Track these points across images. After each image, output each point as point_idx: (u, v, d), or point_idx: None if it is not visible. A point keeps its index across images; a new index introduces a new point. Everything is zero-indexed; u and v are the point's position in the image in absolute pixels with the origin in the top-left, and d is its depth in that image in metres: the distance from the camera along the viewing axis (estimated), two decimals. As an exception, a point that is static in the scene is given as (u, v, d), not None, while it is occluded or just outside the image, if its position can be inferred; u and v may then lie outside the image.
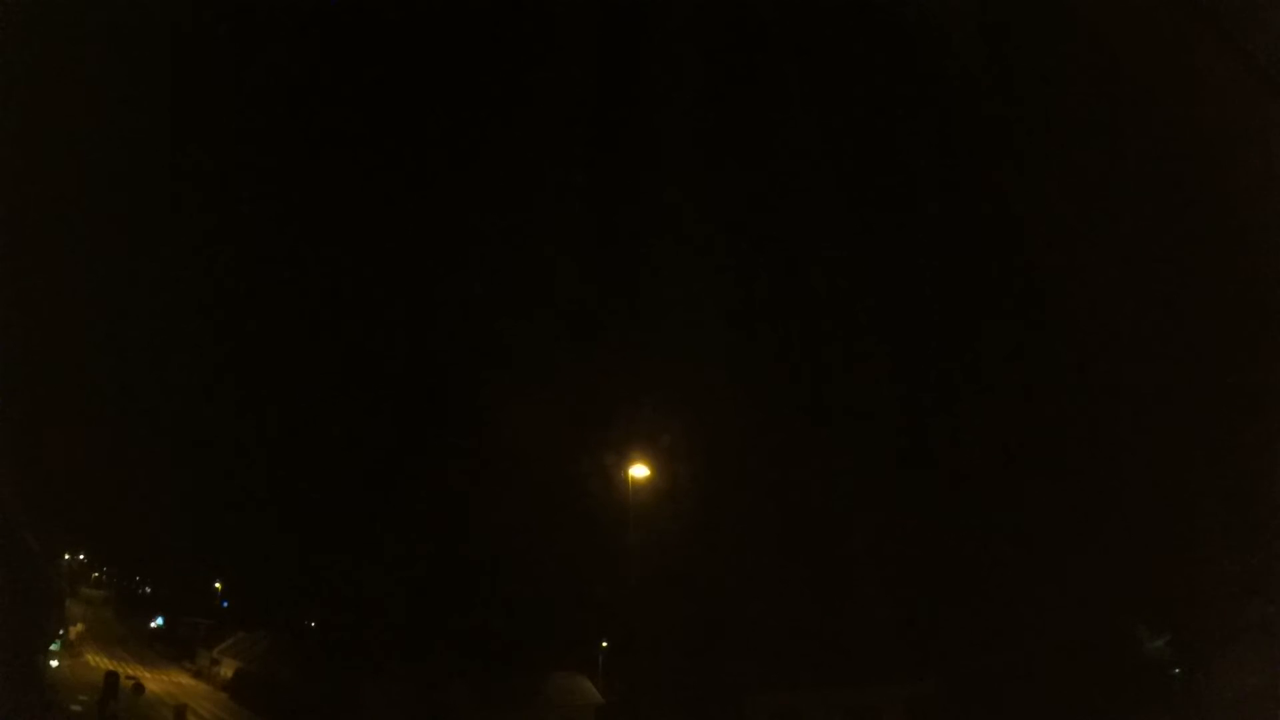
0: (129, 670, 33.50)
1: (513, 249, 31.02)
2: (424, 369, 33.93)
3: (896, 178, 28.82)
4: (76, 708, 25.86)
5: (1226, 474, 19.48)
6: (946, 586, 27.49)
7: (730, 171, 29.20)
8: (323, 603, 36.97)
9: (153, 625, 43.37)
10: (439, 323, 33.23)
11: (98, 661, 34.44)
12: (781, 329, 31.00)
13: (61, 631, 32.81)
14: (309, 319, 33.42)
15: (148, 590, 45.86)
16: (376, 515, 33.97)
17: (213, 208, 29.54)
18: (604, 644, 31.33)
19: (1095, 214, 22.23)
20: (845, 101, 27.84)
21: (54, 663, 29.93)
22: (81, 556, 42.95)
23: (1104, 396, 24.11)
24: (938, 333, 29.97)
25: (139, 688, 30.46)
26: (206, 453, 36.67)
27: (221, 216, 29.80)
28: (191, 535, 37.68)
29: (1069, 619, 23.74)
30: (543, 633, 31.64)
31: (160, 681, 33.89)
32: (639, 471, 25.31)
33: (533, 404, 28.24)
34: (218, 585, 42.29)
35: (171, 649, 40.59)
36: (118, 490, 34.82)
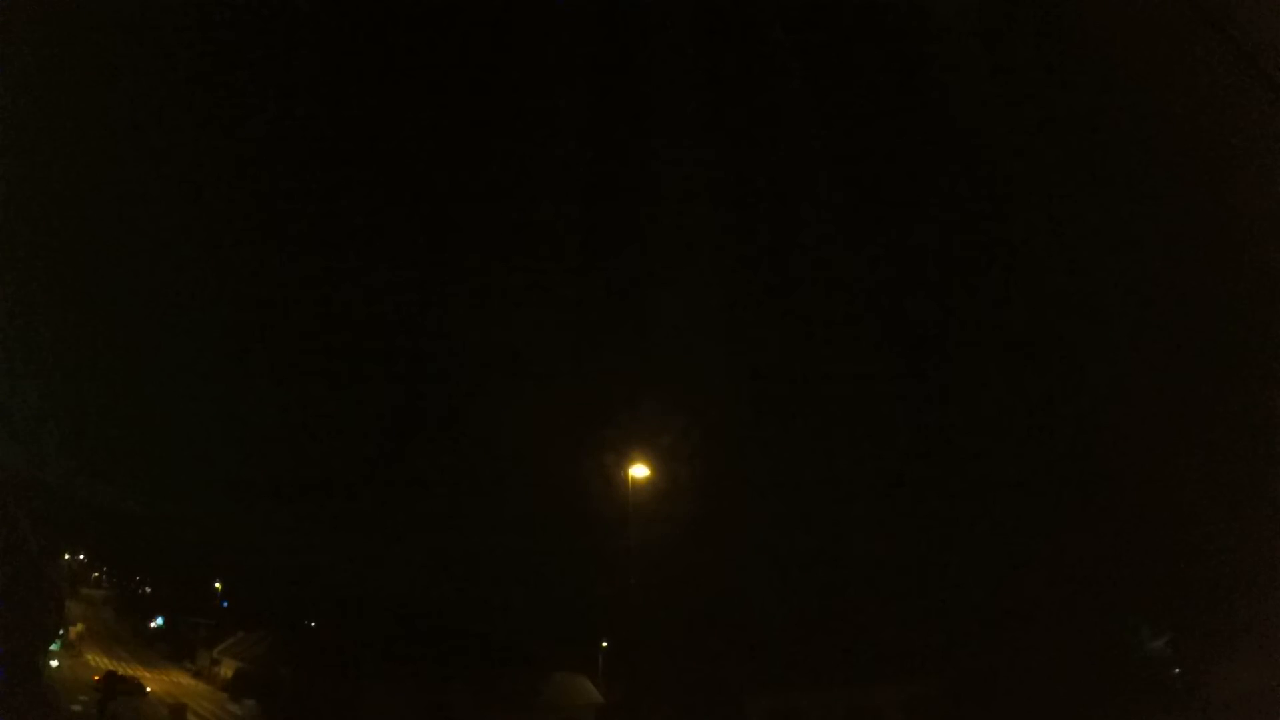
0: (129, 670, 33.49)
1: (514, 249, 30.99)
2: (425, 370, 33.94)
3: (897, 178, 28.84)
4: (76, 708, 25.86)
5: (1225, 474, 19.50)
6: (946, 586, 27.52)
7: (730, 172, 29.20)
8: (322, 603, 36.99)
9: (153, 625, 43.36)
10: (440, 325, 33.23)
11: (98, 661, 34.43)
12: (782, 329, 31.00)
13: (61, 631, 32.80)
14: (311, 317, 33.40)
15: (148, 590, 45.84)
16: (377, 515, 34.00)
17: (215, 207, 29.55)
18: (604, 644, 31.31)
19: (1095, 214, 22.27)
20: (842, 100, 27.85)
21: (54, 663, 29.93)
22: (81, 556, 42.99)
23: (1104, 396, 24.13)
24: (939, 332, 30.01)
25: (139, 688, 30.46)
26: (206, 452, 36.67)
27: (222, 216, 29.81)
28: (192, 535, 37.66)
29: (1070, 619, 23.77)
30: (543, 633, 31.64)
31: (160, 681, 33.87)
32: (639, 471, 25.30)
33: (533, 404, 28.26)
34: (218, 585, 42.27)
35: (171, 649, 40.57)
36: (118, 490, 34.86)
